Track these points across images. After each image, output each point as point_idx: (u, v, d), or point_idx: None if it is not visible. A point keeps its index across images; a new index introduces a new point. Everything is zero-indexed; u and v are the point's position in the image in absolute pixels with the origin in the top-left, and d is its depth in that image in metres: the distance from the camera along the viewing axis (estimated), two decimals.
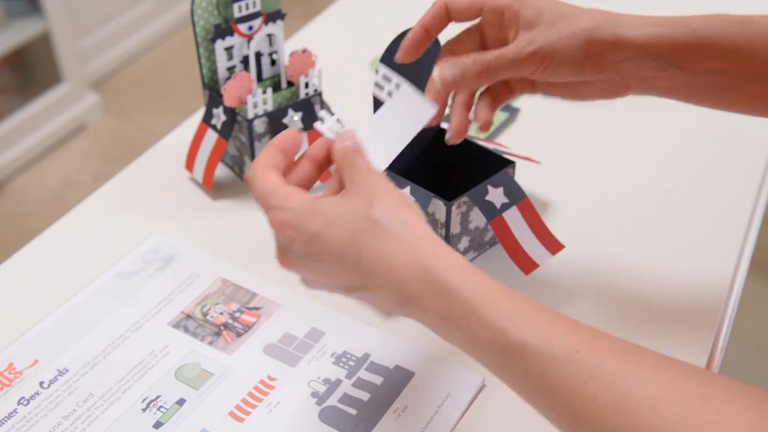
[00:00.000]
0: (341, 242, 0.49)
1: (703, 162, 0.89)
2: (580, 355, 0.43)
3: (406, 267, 0.47)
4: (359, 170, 0.52)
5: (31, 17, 2.22)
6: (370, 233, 0.48)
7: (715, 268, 0.75)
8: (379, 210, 0.48)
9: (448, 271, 0.47)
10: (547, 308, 0.46)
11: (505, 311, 0.45)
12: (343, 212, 0.49)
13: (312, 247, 0.50)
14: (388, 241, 0.48)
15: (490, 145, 0.80)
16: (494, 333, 0.45)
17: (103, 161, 2.28)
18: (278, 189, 0.52)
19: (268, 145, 0.55)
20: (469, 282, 0.46)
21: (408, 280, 0.47)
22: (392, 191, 0.50)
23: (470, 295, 0.46)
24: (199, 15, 0.81)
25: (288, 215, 0.51)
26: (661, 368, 0.43)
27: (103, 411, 0.63)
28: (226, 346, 0.68)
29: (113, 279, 0.75)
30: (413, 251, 0.47)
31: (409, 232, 0.48)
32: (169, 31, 2.81)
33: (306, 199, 0.51)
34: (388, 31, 0.73)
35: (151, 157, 0.93)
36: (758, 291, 1.81)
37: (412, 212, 0.49)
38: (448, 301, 0.46)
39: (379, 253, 0.48)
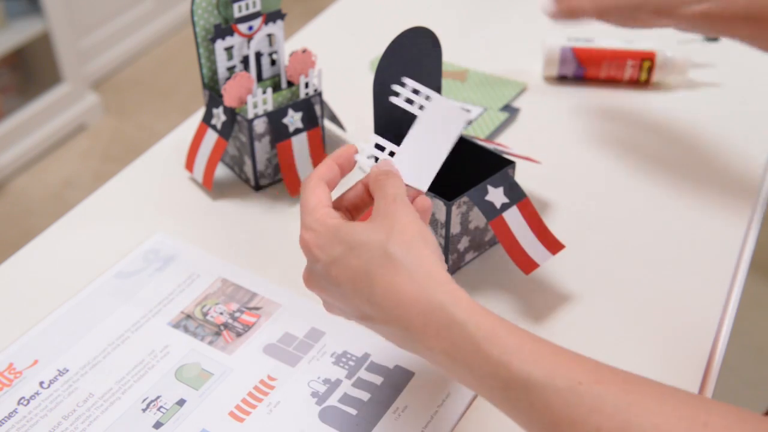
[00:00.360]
0: (357, 272, 0.51)
1: (704, 162, 0.89)
2: (583, 387, 0.44)
3: (414, 303, 0.49)
4: (386, 197, 0.54)
5: (31, 17, 2.22)
6: (383, 267, 0.50)
7: (715, 268, 0.75)
8: (394, 245, 0.50)
9: (454, 307, 0.48)
10: (550, 342, 0.48)
11: (508, 346, 0.46)
12: (363, 241, 0.51)
13: (331, 271, 0.52)
14: (399, 276, 0.49)
15: (490, 145, 0.80)
16: (498, 368, 0.46)
17: (103, 161, 2.28)
18: (317, 209, 0.54)
19: (328, 157, 0.58)
20: (473, 318, 0.47)
21: (415, 316, 0.49)
22: (412, 225, 0.52)
23: (474, 330, 0.47)
24: (199, 15, 0.81)
25: (314, 237, 0.53)
26: (664, 398, 0.43)
27: (103, 411, 0.63)
28: (226, 346, 0.68)
29: (113, 279, 0.75)
30: (422, 288, 0.49)
31: (421, 268, 0.49)
32: (169, 31, 2.81)
33: (333, 223, 0.53)
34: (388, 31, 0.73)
35: (151, 157, 0.93)
36: (758, 291, 1.81)
37: (427, 249, 0.51)
38: (453, 336, 0.47)
39: (389, 287, 0.49)
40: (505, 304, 0.72)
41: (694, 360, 0.66)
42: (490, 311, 0.49)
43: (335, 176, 0.57)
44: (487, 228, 0.76)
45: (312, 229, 0.53)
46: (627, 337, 0.69)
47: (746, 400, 1.61)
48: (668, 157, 0.90)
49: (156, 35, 2.76)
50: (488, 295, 0.73)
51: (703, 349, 0.67)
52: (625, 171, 0.89)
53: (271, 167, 0.86)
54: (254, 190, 0.87)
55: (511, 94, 1.01)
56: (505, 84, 1.03)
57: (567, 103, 1.01)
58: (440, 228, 0.72)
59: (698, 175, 0.88)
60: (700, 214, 0.82)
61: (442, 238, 0.72)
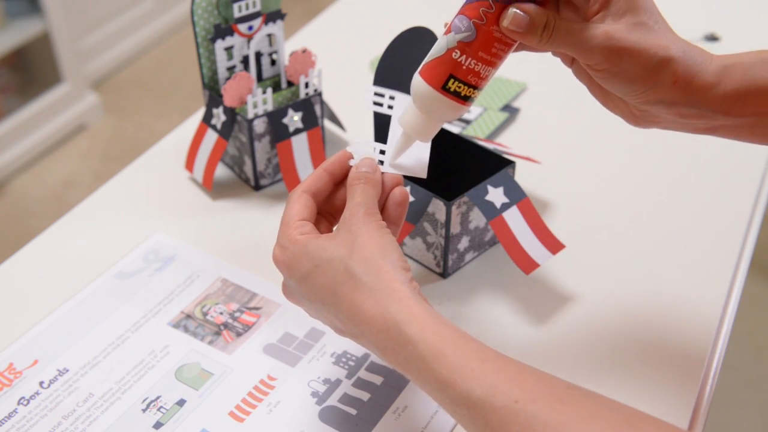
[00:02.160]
0: (324, 288, 0.53)
1: (704, 162, 0.90)
2: (519, 405, 0.45)
3: (373, 320, 0.50)
4: (351, 206, 0.55)
5: (31, 17, 2.22)
6: (346, 284, 0.52)
7: (715, 268, 0.75)
8: (355, 262, 0.52)
9: (408, 325, 0.49)
10: (498, 357, 0.49)
11: (454, 364, 0.48)
12: (327, 258, 0.53)
13: (302, 287, 0.54)
14: (360, 293, 0.51)
15: (490, 145, 0.80)
16: (445, 386, 0.48)
17: (103, 161, 2.28)
18: (290, 224, 0.56)
19: (320, 166, 0.59)
20: (424, 335, 0.49)
21: (375, 334, 0.51)
22: (371, 239, 0.53)
23: (424, 348, 0.48)
24: (199, 15, 0.81)
25: (283, 254, 0.55)
26: (593, 416, 0.45)
27: (103, 411, 0.63)
28: (226, 346, 0.68)
29: (113, 279, 0.75)
30: (380, 305, 0.50)
31: (381, 285, 0.51)
32: (169, 31, 2.81)
33: (302, 240, 0.54)
34: (388, 31, 0.73)
35: (151, 157, 0.93)
36: (758, 291, 1.81)
37: (387, 263, 0.52)
38: (406, 354, 0.49)
39: (351, 304, 0.51)
40: (505, 304, 0.72)
41: (694, 360, 0.66)
42: (445, 326, 0.50)
43: (324, 186, 0.58)
44: (487, 228, 0.76)
45: (282, 246, 0.55)
46: (627, 337, 0.69)
47: (746, 400, 1.61)
48: (668, 157, 0.90)
49: (156, 35, 2.76)
50: (488, 295, 0.73)
51: (703, 349, 0.67)
52: (625, 171, 0.89)
53: (271, 167, 0.86)
54: (254, 190, 0.87)
55: (511, 94, 1.01)
56: (505, 84, 1.03)
57: (567, 103, 1.01)
58: (440, 228, 0.72)
59: (698, 175, 0.88)
60: (700, 214, 0.82)
61: (442, 238, 0.72)
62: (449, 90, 0.54)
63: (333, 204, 0.60)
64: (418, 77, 0.56)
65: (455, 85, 0.54)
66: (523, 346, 0.68)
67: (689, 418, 0.62)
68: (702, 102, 0.55)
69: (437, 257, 0.74)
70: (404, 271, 0.52)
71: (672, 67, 0.53)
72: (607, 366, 0.66)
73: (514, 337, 0.69)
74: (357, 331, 0.52)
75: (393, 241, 0.54)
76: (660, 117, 0.57)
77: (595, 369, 0.66)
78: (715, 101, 0.55)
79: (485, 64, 0.54)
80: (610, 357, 0.67)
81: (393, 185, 0.58)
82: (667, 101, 0.55)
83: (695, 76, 0.54)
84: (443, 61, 0.54)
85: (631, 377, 0.65)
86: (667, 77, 0.54)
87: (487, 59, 0.54)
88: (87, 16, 2.48)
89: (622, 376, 0.65)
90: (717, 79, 0.54)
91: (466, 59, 0.54)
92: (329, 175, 0.58)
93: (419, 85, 0.55)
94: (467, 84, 0.54)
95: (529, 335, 0.69)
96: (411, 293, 0.51)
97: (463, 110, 0.56)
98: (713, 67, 0.55)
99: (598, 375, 0.65)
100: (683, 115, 0.56)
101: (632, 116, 0.59)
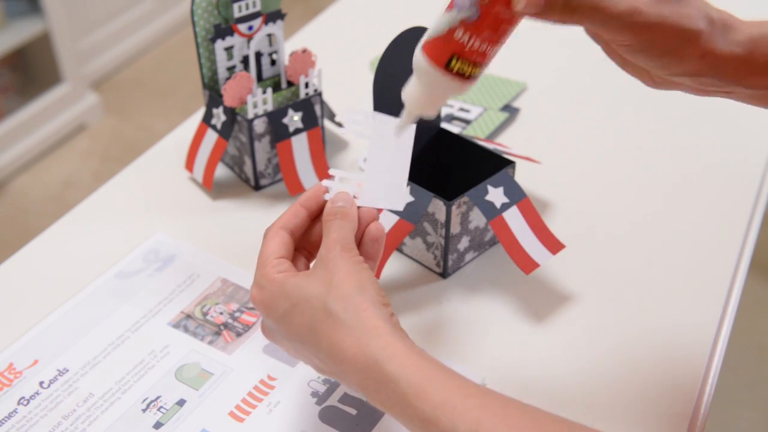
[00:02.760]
0: (302, 328, 0.52)
1: (704, 162, 0.90)
2: None
3: (353, 358, 0.50)
4: (327, 243, 0.54)
5: (31, 17, 2.22)
6: (325, 323, 0.51)
7: (715, 268, 0.75)
8: (333, 300, 0.51)
9: (388, 363, 0.49)
10: (482, 393, 0.48)
11: (436, 401, 0.47)
12: (305, 297, 0.52)
13: (281, 327, 0.54)
14: (339, 332, 0.50)
15: (490, 145, 0.80)
16: (428, 424, 0.47)
17: (103, 161, 2.28)
18: (267, 262, 0.55)
19: (296, 201, 0.58)
20: (405, 373, 0.48)
21: (355, 373, 0.50)
22: (349, 276, 0.52)
23: (406, 386, 0.48)
24: (199, 15, 0.81)
25: (263, 295, 0.54)
26: None
27: (103, 411, 0.63)
28: (226, 346, 0.68)
29: (113, 279, 0.75)
30: (360, 344, 0.50)
31: (360, 322, 0.50)
32: (169, 31, 2.81)
33: (279, 278, 0.54)
34: (388, 31, 0.73)
35: (151, 157, 0.93)
36: (758, 291, 1.81)
37: (366, 301, 0.51)
38: (388, 392, 0.49)
39: (331, 343, 0.51)
40: (505, 304, 0.72)
41: (694, 360, 0.66)
42: (427, 361, 0.49)
43: (301, 222, 0.57)
44: (487, 228, 0.76)
45: (260, 286, 0.54)
46: (627, 336, 0.69)
47: (746, 400, 1.61)
48: (669, 157, 0.90)
49: (156, 35, 2.76)
50: (488, 295, 0.73)
51: (703, 349, 0.67)
52: (625, 171, 0.89)
53: (271, 167, 0.86)
54: (254, 190, 0.87)
55: (511, 94, 1.01)
56: (505, 84, 1.03)
57: (567, 103, 1.01)
58: (440, 228, 0.72)
59: (698, 175, 0.88)
60: (700, 214, 0.82)
61: (442, 238, 0.72)
62: (452, 69, 0.53)
63: (310, 239, 0.59)
64: (421, 53, 0.54)
65: (459, 64, 0.53)
66: (523, 346, 0.68)
67: (689, 418, 0.62)
68: (727, 75, 0.53)
69: (437, 257, 0.74)
70: (383, 307, 0.52)
71: (700, 40, 0.51)
72: (607, 366, 0.66)
73: (514, 337, 0.69)
74: (338, 370, 0.51)
75: (371, 276, 0.53)
76: (682, 84, 0.56)
77: (595, 369, 0.66)
78: (741, 74, 0.53)
79: (489, 43, 0.53)
80: (609, 357, 0.67)
81: (369, 220, 0.57)
82: (694, 73, 0.53)
83: (722, 48, 0.52)
84: (446, 39, 0.53)
85: (631, 377, 0.65)
86: (694, 51, 0.51)
87: (492, 38, 0.52)
88: (87, 16, 2.48)
89: (621, 376, 0.65)
90: (745, 51, 0.52)
91: (470, 38, 0.52)
92: (306, 210, 0.57)
93: (421, 63, 0.54)
94: (471, 63, 0.54)
95: (529, 335, 0.69)
96: (391, 329, 0.50)
97: (467, 87, 0.55)
98: (741, 37, 0.53)
99: (597, 375, 0.65)
100: (706, 84, 0.55)
101: (652, 81, 0.57)
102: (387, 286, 0.74)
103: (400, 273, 0.75)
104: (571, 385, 0.64)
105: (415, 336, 0.69)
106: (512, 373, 0.65)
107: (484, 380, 0.65)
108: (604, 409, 0.62)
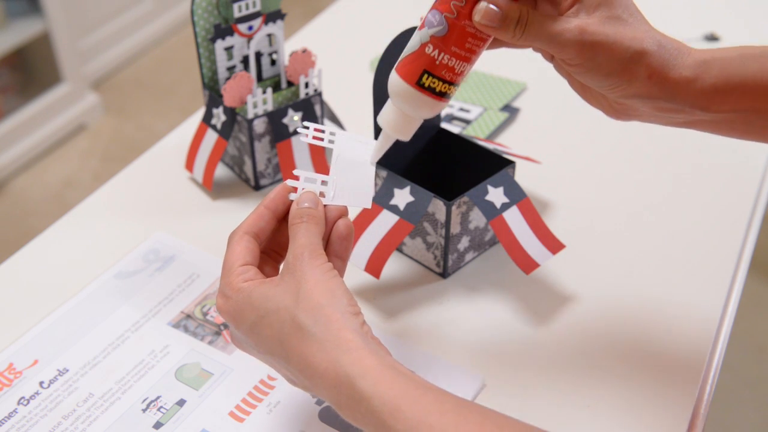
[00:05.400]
0: (271, 340, 0.51)
1: (704, 162, 0.90)
2: None
3: (325, 373, 0.48)
4: (294, 249, 0.52)
5: (31, 17, 2.22)
6: (294, 337, 0.49)
7: (715, 269, 0.75)
8: (302, 312, 0.49)
9: (361, 379, 0.47)
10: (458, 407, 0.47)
11: (411, 420, 0.46)
12: (273, 309, 0.50)
13: (250, 338, 0.52)
14: (310, 346, 0.49)
15: (490, 145, 0.80)
16: None
17: (103, 161, 2.28)
18: (232, 270, 0.53)
19: (260, 203, 0.56)
20: (378, 390, 0.47)
21: (327, 389, 0.48)
22: (318, 285, 0.50)
23: (379, 405, 0.46)
24: (199, 15, 0.81)
25: (229, 306, 0.52)
26: None
27: (103, 411, 0.63)
28: (226, 346, 0.68)
29: (113, 279, 0.75)
30: (331, 359, 0.48)
31: (331, 335, 0.49)
32: (169, 31, 2.81)
33: (246, 288, 0.52)
34: (388, 31, 0.73)
35: (151, 157, 0.93)
36: (758, 291, 1.81)
37: (336, 312, 0.49)
38: (361, 409, 0.47)
39: (302, 358, 0.49)
40: (505, 304, 0.72)
41: (694, 360, 0.66)
42: (400, 376, 0.48)
43: (266, 225, 0.55)
44: (487, 228, 0.76)
45: (225, 296, 0.52)
46: (626, 336, 0.69)
47: (746, 400, 1.61)
48: (668, 157, 0.90)
49: (156, 35, 2.76)
50: (488, 295, 0.73)
51: (703, 349, 0.67)
52: (626, 171, 0.89)
53: (271, 167, 0.86)
54: (254, 190, 0.87)
55: (511, 94, 1.01)
56: (505, 84, 1.03)
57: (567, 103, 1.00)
58: (440, 228, 0.72)
59: (698, 175, 0.88)
60: (700, 214, 0.82)
61: (442, 238, 0.72)
62: (424, 85, 0.54)
63: (277, 241, 0.57)
64: (394, 73, 0.55)
65: (430, 80, 0.54)
66: (522, 346, 0.68)
67: (689, 418, 0.62)
68: (679, 97, 0.55)
69: (437, 257, 0.74)
70: (354, 317, 0.50)
71: (646, 60, 0.53)
72: (607, 366, 0.66)
73: (514, 337, 0.69)
74: (309, 384, 0.50)
75: (341, 284, 0.51)
76: (639, 110, 0.57)
77: (595, 369, 0.66)
78: (693, 96, 0.54)
79: (459, 59, 0.54)
80: (609, 357, 0.67)
81: (336, 217, 0.55)
82: (644, 95, 0.55)
83: (671, 70, 0.54)
84: (417, 56, 0.54)
85: (631, 377, 0.65)
86: (642, 71, 0.53)
87: (461, 54, 0.53)
88: (87, 16, 2.48)
89: (621, 376, 0.65)
90: (694, 73, 0.54)
91: (439, 54, 0.53)
92: (271, 212, 0.55)
93: (395, 82, 0.55)
94: (442, 79, 0.54)
95: (529, 335, 0.69)
96: (363, 342, 0.49)
97: (440, 106, 0.55)
98: (690, 61, 0.54)
99: (597, 375, 0.65)
100: (661, 109, 0.56)
101: (611, 109, 0.59)
102: (387, 286, 0.74)
103: (400, 273, 0.75)
104: (571, 385, 0.64)
105: (415, 336, 0.69)
106: (512, 373, 0.65)
107: (484, 380, 0.65)
108: (604, 408, 0.62)
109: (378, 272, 0.69)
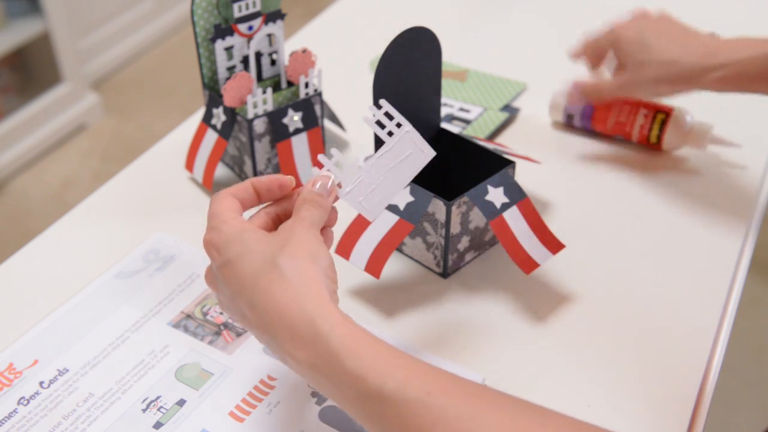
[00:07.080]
0: (245, 276, 0.52)
1: (704, 162, 0.90)
2: (431, 398, 0.45)
3: (285, 311, 0.49)
4: (296, 217, 0.54)
5: (31, 17, 2.22)
6: (267, 275, 0.51)
7: (715, 268, 0.75)
8: (284, 256, 0.51)
9: (322, 320, 0.48)
10: (412, 358, 0.48)
11: (366, 359, 0.47)
12: (259, 249, 0.52)
13: (224, 271, 0.53)
14: (279, 286, 0.50)
15: (490, 145, 0.80)
16: (357, 380, 0.47)
17: (103, 161, 2.28)
18: (222, 213, 0.55)
19: (247, 180, 0.58)
20: (338, 330, 0.48)
21: (285, 326, 0.49)
22: (307, 243, 0.52)
23: (337, 343, 0.48)
24: (199, 15, 0.81)
25: (216, 237, 0.54)
26: (504, 409, 0.45)
27: (103, 411, 0.63)
28: (226, 346, 0.68)
29: (113, 279, 0.75)
30: (296, 299, 0.49)
31: (301, 281, 0.50)
32: (169, 31, 2.81)
33: (241, 225, 0.54)
34: (388, 31, 0.73)
35: (151, 157, 0.93)
36: (758, 291, 1.81)
37: (315, 266, 0.51)
38: (317, 348, 0.48)
39: (267, 294, 0.50)
40: (505, 304, 0.72)
41: (694, 360, 0.66)
42: (360, 328, 0.49)
43: (248, 198, 0.57)
44: (487, 228, 0.76)
45: (216, 229, 0.54)
46: (626, 336, 0.69)
47: (746, 400, 1.61)
48: (668, 157, 0.90)
49: (156, 35, 2.76)
50: (488, 295, 0.73)
51: (703, 349, 0.67)
52: (625, 170, 0.89)
53: (271, 167, 0.86)
54: None
55: (511, 94, 1.01)
56: (505, 84, 1.03)
57: None
58: (440, 228, 0.72)
59: (699, 174, 0.88)
60: (701, 214, 0.82)
61: (442, 238, 0.72)
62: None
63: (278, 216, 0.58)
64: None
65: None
66: (522, 346, 0.68)
67: (689, 418, 0.62)
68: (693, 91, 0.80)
69: (437, 257, 0.74)
70: (330, 281, 0.52)
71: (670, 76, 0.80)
72: (607, 366, 0.66)
73: (514, 337, 0.69)
74: (265, 321, 0.50)
75: (328, 255, 0.53)
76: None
77: (595, 368, 0.66)
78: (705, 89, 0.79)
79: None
80: (609, 357, 0.67)
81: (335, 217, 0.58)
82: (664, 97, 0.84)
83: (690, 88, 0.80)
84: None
85: (631, 377, 0.65)
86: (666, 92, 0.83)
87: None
88: (87, 16, 2.48)
89: (621, 376, 0.65)
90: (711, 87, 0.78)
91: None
92: (254, 190, 0.57)
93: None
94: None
95: (529, 335, 0.69)
96: (330, 299, 0.50)
97: None
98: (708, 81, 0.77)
99: (597, 374, 0.65)
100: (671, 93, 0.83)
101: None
102: (387, 286, 0.74)
103: (400, 273, 0.75)
104: (571, 384, 0.64)
105: (415, 336, 0.69)
106: (512, 373, 0.65)
107: (485, 380, 0.65)
108: (603, 408, 0.62)
109: (378, 272, 0.69)
